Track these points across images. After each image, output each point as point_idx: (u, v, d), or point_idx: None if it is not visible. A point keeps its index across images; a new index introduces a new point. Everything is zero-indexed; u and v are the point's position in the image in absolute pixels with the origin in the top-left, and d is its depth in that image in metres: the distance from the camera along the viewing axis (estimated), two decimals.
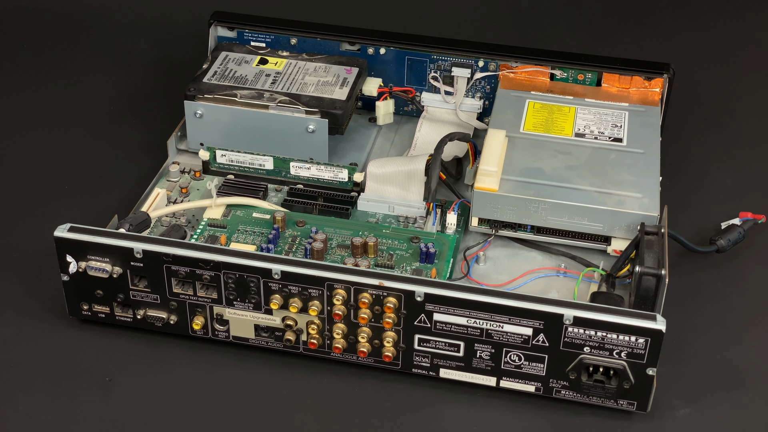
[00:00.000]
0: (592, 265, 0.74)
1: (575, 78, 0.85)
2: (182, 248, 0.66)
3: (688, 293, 0.75)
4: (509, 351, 0.65)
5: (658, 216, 0.72)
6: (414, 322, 0.65)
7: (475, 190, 0.74)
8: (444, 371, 0.67)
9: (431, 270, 0.71)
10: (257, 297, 0.67)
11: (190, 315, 0.69)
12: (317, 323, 0.67)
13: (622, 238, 0.74)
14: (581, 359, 0.64)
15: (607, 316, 0.62)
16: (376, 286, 0.64)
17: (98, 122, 0.91)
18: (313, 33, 0.88)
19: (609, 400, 0.65)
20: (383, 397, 0.67)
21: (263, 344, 0.69)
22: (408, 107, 0.89)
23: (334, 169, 0.79)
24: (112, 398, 0.67)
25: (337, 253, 0.72)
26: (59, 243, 0.67)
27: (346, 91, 0.82)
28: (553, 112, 0.81)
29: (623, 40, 1.04)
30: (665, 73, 0.84)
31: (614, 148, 0.78)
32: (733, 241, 0.77)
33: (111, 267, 0.67)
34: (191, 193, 0.80)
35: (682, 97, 0.92)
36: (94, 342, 0.71)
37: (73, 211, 0.79)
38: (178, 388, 0.68)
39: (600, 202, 0.73)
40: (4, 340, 0.71)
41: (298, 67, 0.85)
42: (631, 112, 0.82)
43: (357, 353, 0.67)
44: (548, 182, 0.75)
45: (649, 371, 0.63)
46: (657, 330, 0.62)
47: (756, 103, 0.97)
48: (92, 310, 0.70)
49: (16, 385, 0.68)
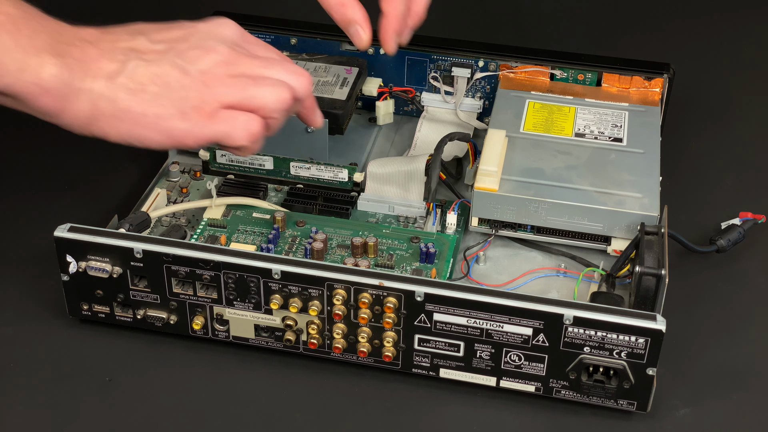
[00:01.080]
0: (592, 265, 0.74)
1: (575, 78, 0.85)
2: (182, 248, 0.66)
3: (688, 293, 0.75)
4: (509, 351, 0.65)
5: (658, 216, 0.72)
6: (414, 322, 0.65)
7: (475, 190, 0.74)
8: (444, 371, 0.67)
9: (431, 270, 0.71)
10: (257, 297, 0.67)
11: (190, 315, 0.69)
12: (317, 323, 0.67)
13: (622, 238, 0.74)
14: (581, 359, 0.64)
15: (607, 316, 0.62)
16: (376, 286, 0.64)
17: None
18: (313, 33, 0.88)
19: (609, 400, 0.65)
20: (383, 397, 0.67)
21: (263, 344, 0.69)
22: (408, 107, 0.89)
23: (334, 169, 0.79)
24: (112, 398, 0.67)
25: (337, 253, 0.72)
26: (59, 243, 0.67)
27: (346, 91, 0.82)
28: (553, 112, 0.81)
29: (623, 40, 1.04)
30: (665, 73, 0.84)
31: (614, 148, 0.78)
32: (733, 241, 0.77)
33: (111, 267, 0.67)
34: (191, 193, 0.80)
35: (682, 97, 0.92)
36: (94, 342, 0.71)
37: (73, 211, 0.79)
38: (178, 388, 0.68)
39: (600, 202, 0.73)
40: (4, 340, 0.71)
41: None
42: (631, 112, 0.82)
43: (357, 353, 0.67)
44: (548, 182, 0.75)
45: (649, 371, 0.63)
46: (657, 330, 0.62)
47: (756, 103, 0.97)
48: (92, 310, 0.70)
49: (16, 385, 0.68)
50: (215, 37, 0.65)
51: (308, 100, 0.67)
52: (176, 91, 0.63)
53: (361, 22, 0.69)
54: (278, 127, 0.66)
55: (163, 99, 0.62)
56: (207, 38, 0.65)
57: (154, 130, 0.63)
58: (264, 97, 0.64)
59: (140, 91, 0.62)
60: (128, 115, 0.62)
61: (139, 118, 0.62)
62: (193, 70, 0.63)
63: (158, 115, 0.62)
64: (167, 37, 0.65)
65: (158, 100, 0.62)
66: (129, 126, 0.63)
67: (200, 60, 0.64)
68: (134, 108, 0.62)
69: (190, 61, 0.63)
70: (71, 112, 0.62)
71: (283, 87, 0.64)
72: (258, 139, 0.64)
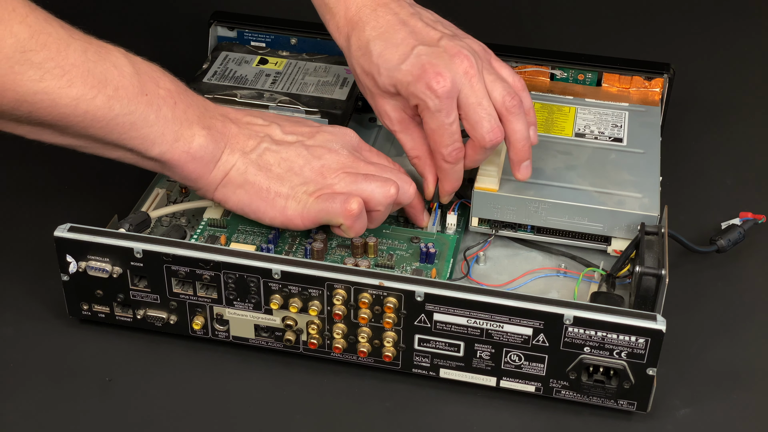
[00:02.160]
0: (592, 265, 0.74)
1: (575, 78, 0.85)
2: (182, 248, 0.66)
3: (688, 293, 0.75)
4: (509, 351, 0.65)
5: (658, 216, 0.72)
6: (414, 322, 0.65)
7: (475, 190, 0.74)
8: (444, 371, 0.67)
9: (431, 270, 0.71)
10: (257, 297, 0.67)
11: (190, 315, 0.69)
12: (317, 323, 0.67)
13: (622, 238, 0.74)
14: (581, 359, 0.64)
15: (607, 316, 0.62)
16: (376, 286, 0.64)
17: None
18: (313, 33, 0.88)
19: (609, 400, 0.65)
20: (383, 397, 0.67)
21: (263, 344, 0.69)
22: None
23: None
24: (112, 398, 0.67)
25: (337, 253, 0.72)
26: (59, 243, 0.67)
27: (346, 91, 0.82)
28: (553, 112, 0.81)
29: (623, 40, 1.04)
30: (665, 73, 0.84)
31: (614, 148, 0.78)
32: (733, 241, 0.77)
33: (111, 267, 0.67)
34: (191, 193, 0.80)
35: (682, 97, 0.92)
36: (94, 342, 0.71)
37: (73, 211, 0.79)
38: (178, 388, 0.68)
39: (600, 202, 0.73)
40: (4, 340, 0.71)
41: (298, 67, 0.85)
42: (631, 112, 0.82)
43: (357, 353, 0.67)
44: (548, 182, 0.75)
45: (649, 371, 0.63)
46: (657, 330, 0.62)
47: (756, 103, 0.97)
48: (92, 310, 0.70)
49: (16, 385, 0.68)
50: (338, 141, 0.72)
51: (415, 201, 0.73)
52: (297, 177, 0.69)
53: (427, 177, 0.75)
54: (381, 220, 0.71)
55: (286, 181, 0.69)
56: (331, 140, 0.71)
57: (270, 205, 0.69)
58: (372, 191, 0.69)
59: (267, 170, 0.69)
60: (253, 188, 0.69)
61: (261, 193, 0.69)
62: (315, 163, 0.70)
63: (278, 193, 0.69)
64: (297, 131, 0.72)
65: (281, 181, 0.69)
66: (250, 197, 0.70)
67: (323, 157, 0.70)
68: (260, 182, 0.69)
69: (315, 156, 0.70)
70: (208, 178, 0.70)
71: (390, 184, 0.70)
72: (356, 219, 0.69)
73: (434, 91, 0.69)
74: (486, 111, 0.70)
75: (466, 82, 0.69)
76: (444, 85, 0.68)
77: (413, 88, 0.69)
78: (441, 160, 0.72)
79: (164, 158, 0.68)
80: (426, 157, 0.74)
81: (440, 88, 0.68)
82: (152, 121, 0.67)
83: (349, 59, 0.74)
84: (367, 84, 0.73)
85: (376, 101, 0.74)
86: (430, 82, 0.68)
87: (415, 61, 0.69)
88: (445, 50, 0.70)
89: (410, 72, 0.69)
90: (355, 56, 0.73)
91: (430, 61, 0.69)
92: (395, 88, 0.71)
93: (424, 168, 0.74)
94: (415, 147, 0.74)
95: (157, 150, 0.67)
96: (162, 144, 0.67)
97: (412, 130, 0.73)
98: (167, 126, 0.67)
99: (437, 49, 0.70)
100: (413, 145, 0.74)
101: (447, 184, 0.73)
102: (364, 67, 0.72)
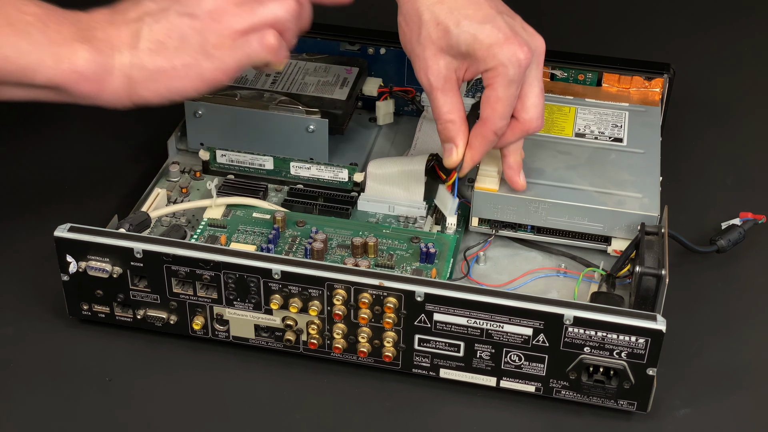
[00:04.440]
0: (592, 265, 0.74)
1: (575, 78, 0.85)
2: (182, 248, 0.66)
3: (688, 293, 0.75)
4: (509, 351, 0.65)
5: (658, 216, 0.72)
6: (414, 322, 0.65)
7: (475, 190, 0.74)
8: (444, 371, 0.67)
9: (431, 270, 0.71)
10: (257, 297, 0.67)
11: (190, 315, 0.69)
12: (317, 323, 0.67)
13: (622, 238, 0.74)
14: (581, 359, 0.64)
15: (607, 316, 0.62)
16: (376, 286, 0.64)
17: (98, 122, 0.91)
18: (313, 33, 0.88)
19: (609, 401, 0.65)
20: (383, 397, 0.67)
21: (263, 344, 0.69)
22: (408, 107, 0.89)
23: (334, 169, 0.79)
24: (112, 398, 0.67)
25: (337, 253, 0.72)
26: (59, 243, 0.67)
27: (346, 91, 0.82)
28: (554, 112, 0.81)
29: (623, 40, 1.04)
30: (665, 73, 0.84)
31: (614, 148, 0.78)
32: (733, 241, 0.77)
33: (111, 267, 0.67)
34: (191, 193, 0.80)
35: (682, 97, 0.92)
36: (94, 342, 0.71)
37: (73, 211, 0.79)
38: (178, 388, 0.68)
39: (600, 202, 0.73)
40: (4, 340, 0.71)
41: (298, 67, 0.85)
42: (631, 112, 0.82)
43: (357, 353, 0.67)
44: (548, 182, 0.75)
45: (649, 371, 0.63)
46: (657, 330, 0.62)
47: (756, 103, 0.97)
48: (92, 310, 0.70)
49: (16, 385, 0.68)
50: None
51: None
52: (193, 37, 0.66)
53: (458, 143, 0.72)
54: (295, 36, 0.69)
55: (185, 48, 0.66)
56: None
57: (187, 80, 0.66)
58: (273, 11, 0.67)
59: (162, 48, 0.66)
60: (160, 74, 0.66)
61: (170, 73, 0.66)
62: (199, 12, 0.66)
63: (186, 64, 0.66)
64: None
65: (181, 51, 0.66)
66: (164, 84, 0.66)
67: (202, 4, 0.67)
68: (162, 65, 0.66)
69: (194, 6, 0.67)
70: (110, 90, 0.66)
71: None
72: (278, 50, 0.67)
73: (519, 60, 0.68)
74: (542, 98, 0.70)
75: (537, 64, 0.70)
76: (528, 57, 0.68)
77: (497, 51, 0.67)
78: (490, 131, 0.70)
79: (54, 83, 0.65)
80: (461, 123, 0.71)
81: (525, 59, 0.68)
82: (27, 50, 0.64)
83: (416, 3, 0.70)
84: (432, 34, 0.70)
85: (428, 55, 0.70)
86: (517, 50, 0.67)
87: (502, 25, 0.68)
88: (524, 28, 0.70)
89: (494, 35, 0.68)
90: (429, 1, 0.69)
91: (515, 30, 0.68)
92: (467, 46, 0.68)
93: (456, 134, 0.71)
94: (452, 110, 0.71)
95: (41, 77, 0.65)
96: (45, 70, 0.64)
97: (453, 94, 0.71)
98: (44, 50, 0.64)
99: (518, 24, 0.70)
100: (450, 108, 0.71)
101: (477, 155, 0.72)
102: (438, 14, 0.69)
